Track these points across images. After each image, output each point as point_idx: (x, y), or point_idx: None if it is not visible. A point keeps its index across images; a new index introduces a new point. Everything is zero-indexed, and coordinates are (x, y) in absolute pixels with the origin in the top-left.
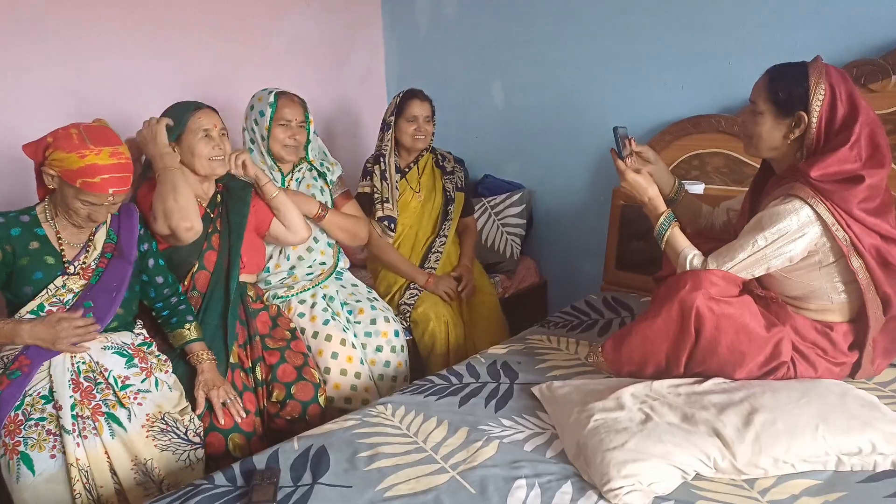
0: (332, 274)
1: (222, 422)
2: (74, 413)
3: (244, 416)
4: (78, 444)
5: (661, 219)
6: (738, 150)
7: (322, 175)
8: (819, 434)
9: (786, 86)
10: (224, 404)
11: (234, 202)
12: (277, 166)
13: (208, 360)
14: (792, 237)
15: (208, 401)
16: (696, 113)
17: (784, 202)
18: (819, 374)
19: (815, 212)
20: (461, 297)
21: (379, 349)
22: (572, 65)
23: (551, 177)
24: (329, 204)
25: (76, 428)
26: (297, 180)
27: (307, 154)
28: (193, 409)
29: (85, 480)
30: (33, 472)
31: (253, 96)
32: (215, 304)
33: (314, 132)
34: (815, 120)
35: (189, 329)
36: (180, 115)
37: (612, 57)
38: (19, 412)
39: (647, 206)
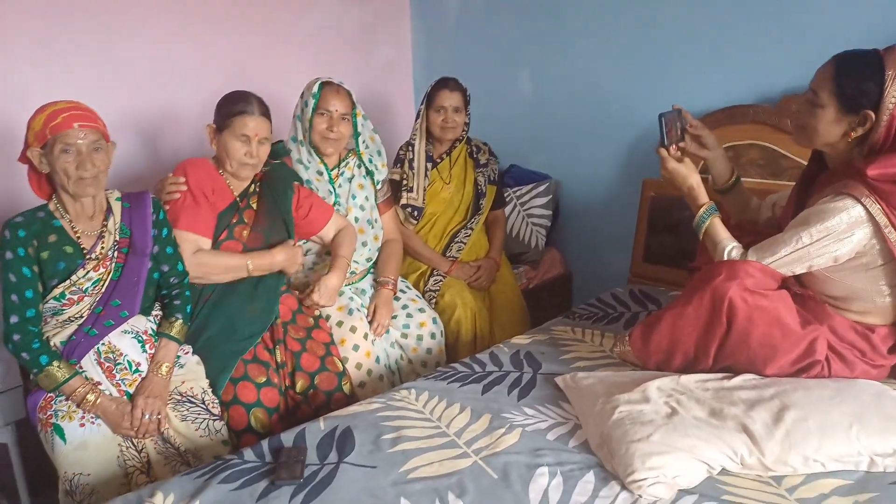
0: (366, 275)
1: (125, 430)
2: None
3: (153, 436)
4: None
5: (702, 210)
6: (775, 141)
7: (370, 174)
8: (852, 434)
9: (856, 80)
10: (144, 417)
11: (276, 194)
12: (319, 157)
13: (164, 373)
14: (839, 236)
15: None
16: (730, 103)
17: (835, 199)
18: (855, 376)
19: (868, 212)
20: (476, 285)
21: (420, 338)
22: (602, 54)
23: (578, 167)
24: (374, 206)
25: None
26: (343, 176)
27: (357, 147)
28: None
29: (125, 447)
30: (64, 440)
31: (306, 86)
32: (237, 287)
33: (373, 129)
34: (885, 119)
35: (172, 323)
36: (231, 109)
37: (643, 46)
38: (52, 393)
39: (688, 196)
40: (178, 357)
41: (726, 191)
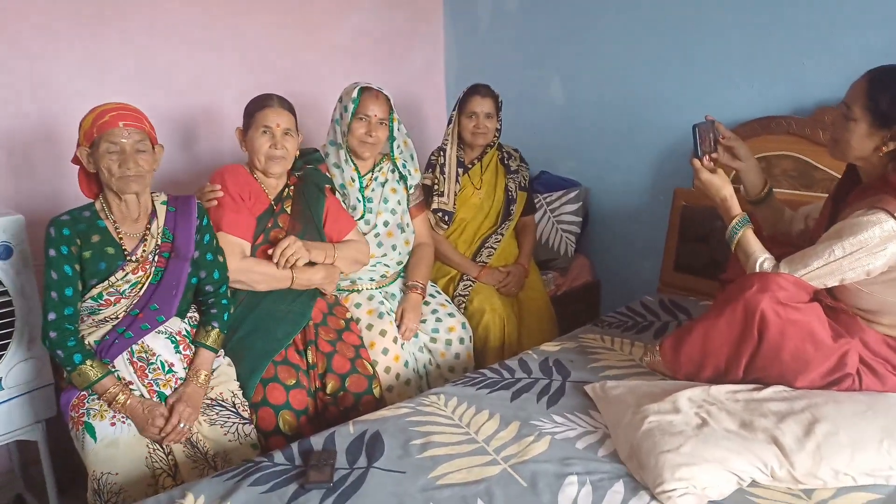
0: (396, 278)
1: (152, 433)
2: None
3: (179, 442)
4: None
5: (735, 221)
6: (809, 153)
7: (403, 178)
8: (884, 448)
9: (888, 96)
10: (179, 425)
11: (309, 198)
12: (353, 163)
13: (202, 381)
14: (872, 250)
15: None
16: (765, 114)
17: (868, 213)
18: (886, 389)
19: None
20: (504, 291)
21: (449, 343)
22: (634, 61)
23: (609, 175)
24: (405, 210)
25: None
26: (377, 181)
27: (392, 152)
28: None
29: (153, 449)
30: (95, 438)
31: (344, 90)
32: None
33: (406, 134)
34: None
35: (209, 332)
36: (253, 107)
37: (676, 53)
38: (85, 391)
39: (721, 207)
40: None
41: (759, 202)
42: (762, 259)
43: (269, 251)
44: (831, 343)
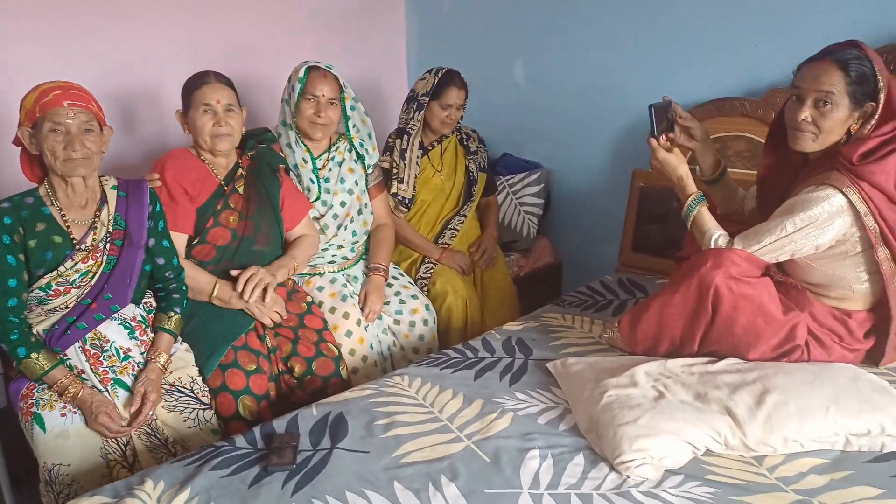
0: (358, 261)
1: (99, 427)
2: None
3: (145, 420)
4: None
5: (690, 199)
6: (761, 133)
7: (361, 158)
8: (829, 415)
9: (862, 74)
10: (147, 414)
11: (264, 179)
12: (304, 144)
13: (162, 363)
14: (821, 225)
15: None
16: (720, 95)
17: (817, 189)
18: (833, 360)
19: (849, 201)
20: (477, 267)
21: (412, 325)
22: (596, 44)
23: (571, 157)
24: (363, 191)
25: None
26: (334, 160)
27: (348, 131)
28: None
29: (106, 440)
30: (44, 429)
31: (293, 70)
32: (226, 276)
33: (365, 112)
34: (879, 109)
35: (170, 318)
36: (190, 86)
37: (637, 38)
38: (35, 382)
39: (677, 186)
40: None
41: (713, 181)
42: (717, 235)
43: (234, 272)
44: (781, 317)
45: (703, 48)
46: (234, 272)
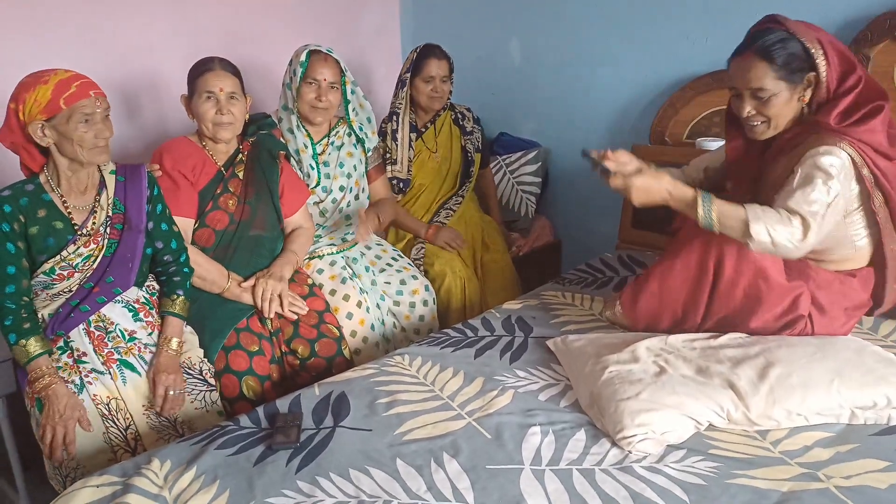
0: (357, 243)
1: (157, 409)
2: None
3: (175, 412)
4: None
5: (700, 206)
6: None
7: (361, 141)
8: (834, 388)
9: (784, 54)
10: (168, 393)
11: (263, 164)
12: (304, 129)
13: (174, 348)
14: (848, 177)
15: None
16: (718, 68)
17: (820, 155)
18: (836, 331)
19: (849, 156)
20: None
21: (412, 306)
22: (591, 20)
23: (568, 135)
24: (362, 175)
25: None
26: (333, 145)
27: (348, 115)
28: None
29: (108, 425)
30: (41, 411)
31: (294, 53)
32: (233, 255)
33: (363, 96)
34: (823, 74)
35: (174, 301)
36: (194, 73)
37: (632, 11)
38: (23, 368)
39: (672, 200)
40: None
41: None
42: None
43: (243, 284)
44: (785, 283)
45: (701, 20)
46: (245, 284)
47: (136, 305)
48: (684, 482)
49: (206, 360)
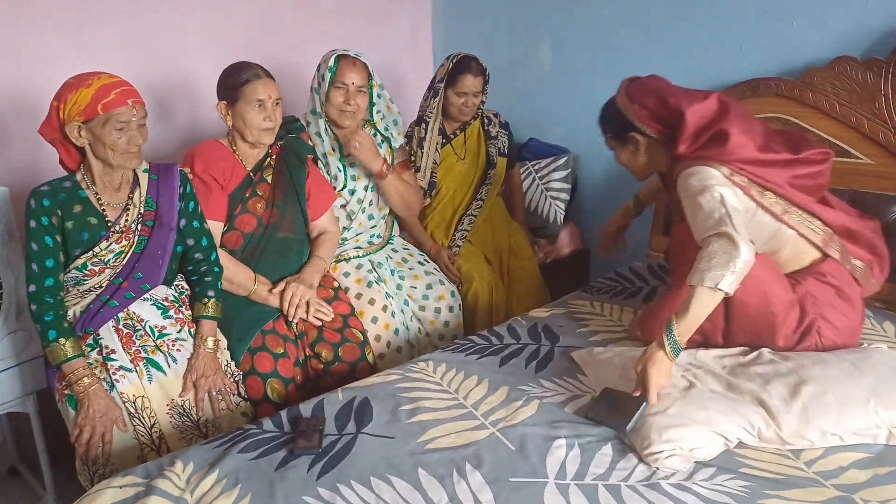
0: (383, 246)
1: (199, 415)
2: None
3: (233, 409)
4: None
5: (667, 347)
6: (798, 115)
7: (387, 140)
8: (870, 407)
9: (609, 123)
10: (212, 395)
11: (291, 168)
12: (332, 133)
13: (211, 346)
14: (724, 182)
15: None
16: (754, 76)
17: (690, 176)
18: (840, 335)
19: (712, 167)
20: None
21: (438, 311)
22: (623, 25)
23: (598, 141)
24: None
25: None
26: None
27: (372, 117)
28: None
29: (136, 424)
30: (76, 409)
31: (322, 58)
32: (260, 257)
33: (390, 100)
34: (647, 130)
35: (206, 304)
36: (237, 80)
37: (666, 16)
38: (56, 368)
39: (668, 361)
40: (190, 329)
41: (639, 212)
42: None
43: (273, 290)
44: (791, 295)
45: (736, 26)
46: (275, 290)
47: (166, 303)
48: (714, 501)
49: (231, 363)
